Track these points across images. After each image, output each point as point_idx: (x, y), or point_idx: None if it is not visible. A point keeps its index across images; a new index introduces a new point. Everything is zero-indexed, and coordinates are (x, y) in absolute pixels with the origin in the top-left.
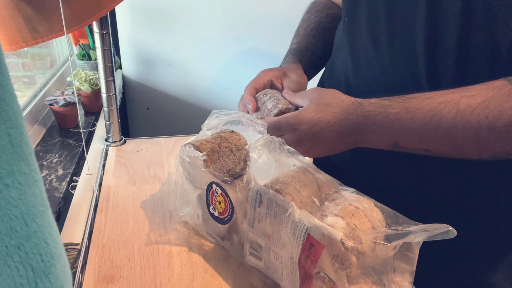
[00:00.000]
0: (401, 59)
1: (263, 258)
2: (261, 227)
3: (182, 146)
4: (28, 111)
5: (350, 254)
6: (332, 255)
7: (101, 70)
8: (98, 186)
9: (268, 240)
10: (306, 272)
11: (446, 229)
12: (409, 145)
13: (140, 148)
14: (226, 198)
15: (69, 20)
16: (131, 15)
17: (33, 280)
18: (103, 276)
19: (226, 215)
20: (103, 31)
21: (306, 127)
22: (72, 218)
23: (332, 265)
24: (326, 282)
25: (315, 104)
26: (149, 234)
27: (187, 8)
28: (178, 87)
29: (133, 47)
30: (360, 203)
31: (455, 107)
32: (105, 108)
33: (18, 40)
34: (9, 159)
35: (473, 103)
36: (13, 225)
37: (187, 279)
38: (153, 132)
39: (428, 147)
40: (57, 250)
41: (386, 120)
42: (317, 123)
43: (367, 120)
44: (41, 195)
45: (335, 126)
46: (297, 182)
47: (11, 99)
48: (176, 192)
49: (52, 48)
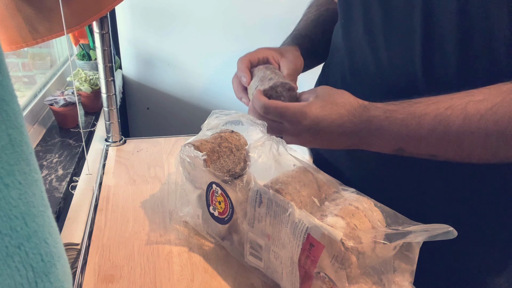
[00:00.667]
0: (398, 59)
1: (263, 258)
2: (261, 227)
3: (182, 146)
4: (28, 111)
5: (350, 254)
6: (332, 255)
7: (101, 70)
8: (98, 186)
9: (268, 240)
10: (306, 272)
11: (446, 229)
12: (414, 150)
13: (140, 148)
14: (226, 198)
15: (69, 20)
16: (131, 15)
17: (33, 280)
18: (103, 276)
19: (226, 215)
20: (103, 31)
21: (309, 123)
22: (72, 218)
23: (332, 265)
24: (326, 282)
25: (322, 101)
26: (149, 234)
27: (187, 8)
28: (178, 87)
29: (133, 47)
30: (360, 203)
31: (462, 113)
32: (105, 108)
33: (18, 40)
34: (9, 159)
35: (481, 108)
36: (13, 225)
37: (187, 279)
38: (153, 132)
39: (434, 152)
40: (57, 250)
41: (392, 125)
42: (321, 120)
43: (371, 124)
44: (41, 195)
45: (338, 127)
46: (297, 182)
47: (11, 99)
48: (176, 192)
49: (52, 48)
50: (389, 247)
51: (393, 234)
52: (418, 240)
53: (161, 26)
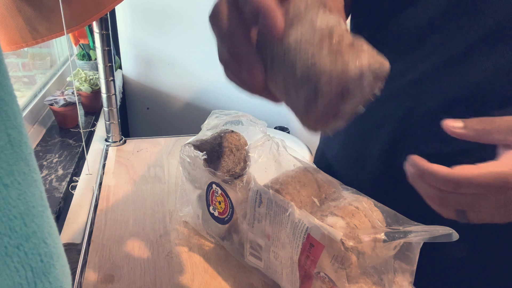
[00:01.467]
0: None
1: (263, 258)
2: (261, 227)
3: (182, 146)
4: (28, 111)
5: (350, 253)
6: (332, 255)
7: (101, 70)
8: (98, 186)
9: (268, 240)
10: (306, 272)
11: (447, 232)
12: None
13: (140, 148)
14: (226, 198)
15: (69, 20)
16: (131, 15)
17: (32, 280)
18: (103, 276)
19: (226, 215)
20: (103, 31)
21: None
22: (72, 218)
23: (332, 265)
24: (326, 282)
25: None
26: (149, 234)
27: (187, 8)
28: (178, 87)
29: (133, 47)
30: (360, 203)
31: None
32: (105, 108)
33: (18, 40)
34: (9, 159)
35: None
36: (13, 225)
37: (187, 279)
38: (153, 132)
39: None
40: (57, 250)
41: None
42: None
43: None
44: (40, 195)
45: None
46: (297, 182)
47: (11, 99)
48: (176, 192)
49: (52, 48)
50: (390, 247)
51: (393, 233)
52: (418, 240)
53: (161, 26)
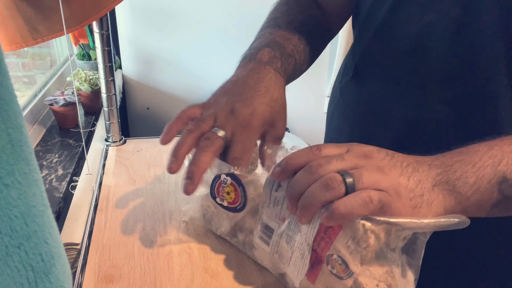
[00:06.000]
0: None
1: (272, 242)
2: (276, 210)
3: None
4: (28, 111)
5: (369, 234)
6: (349, 236)
7: (101, 70)
8: (98, 186)
9: (283, 223)
10: (317, 256)
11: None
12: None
13: (140, 148)
14: (237, 187)
15: (69, 20)
16: (131, 15)
17: (33, 280)
18: (103, 276)
19: (238, 204)
20: (103, 31)
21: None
22: (72, 218)
23: (347, 247)
24: (337, 266)
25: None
26: (149, 234)
27: (187, 8)
28: (178, 87)
29: (133, 47)
30: None
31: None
32: (105, 108)
33: (18, 40)
34: (9, 159)
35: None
36: (13, 225)
37: (187, 279)
38: (153, 132)
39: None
40: (57, 250)
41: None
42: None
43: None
44: (41, 195)
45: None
46: None
47: (11, 99)
48: (176, 192)
49: (52, 48)
50: (399, 237)
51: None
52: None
53: (161, 26)
